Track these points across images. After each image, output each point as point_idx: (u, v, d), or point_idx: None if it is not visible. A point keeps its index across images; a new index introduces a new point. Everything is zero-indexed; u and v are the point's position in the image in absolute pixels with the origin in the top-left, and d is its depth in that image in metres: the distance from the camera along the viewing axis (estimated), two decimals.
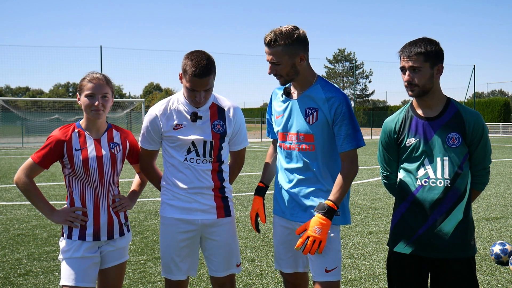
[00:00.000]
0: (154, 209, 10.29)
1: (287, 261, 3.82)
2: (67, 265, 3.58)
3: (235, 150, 3.98)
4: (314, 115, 3.52)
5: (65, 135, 3.60)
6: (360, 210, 10.21)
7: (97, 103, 3.56)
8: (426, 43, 3.35)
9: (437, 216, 3.40)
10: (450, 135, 3.38)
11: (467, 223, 3.45)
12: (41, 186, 13.32)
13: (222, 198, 3.84)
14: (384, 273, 6.13)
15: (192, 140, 3.72)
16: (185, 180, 3.74)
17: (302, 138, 3.57)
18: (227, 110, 3.83)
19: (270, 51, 3.47)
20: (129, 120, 38.87)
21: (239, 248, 4.02)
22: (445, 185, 3.39)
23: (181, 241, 3.78)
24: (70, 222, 3.58)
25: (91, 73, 3.65)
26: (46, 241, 7.75)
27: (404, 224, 3.51)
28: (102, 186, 3.63)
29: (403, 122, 3.54)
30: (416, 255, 3.47)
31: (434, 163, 3.41)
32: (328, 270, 3.54)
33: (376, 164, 19.77)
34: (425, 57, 3.33)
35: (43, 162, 3.57)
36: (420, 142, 3.44)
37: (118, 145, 3.74)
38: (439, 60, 3.39)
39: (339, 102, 3.48)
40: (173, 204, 3.79)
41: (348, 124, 3.48)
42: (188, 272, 3.87)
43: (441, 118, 3.42)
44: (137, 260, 6.75)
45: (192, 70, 3.52)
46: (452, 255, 3.40)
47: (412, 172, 3.49)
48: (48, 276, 6.06)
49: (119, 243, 3.75)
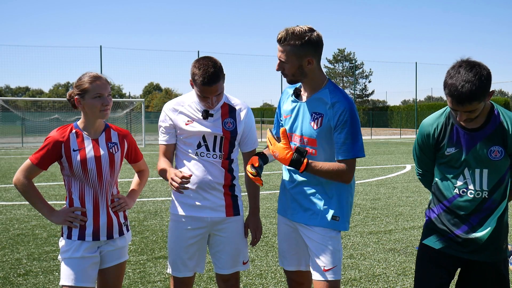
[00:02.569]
0: (154, 209, 10.30)
1: (290, 259, 3.83)
2: (67, 265, 3.58)
3: (246, 151, 3.98)
4: (319, 120, 3.50)
5: (62, 135, 3.59)
6: (359, 210, 10.21)
7: (107, 102, 3.57)
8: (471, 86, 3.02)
9: (472, 224, 3.36)
10: (493, 149, 3.25)
11: (501, 227, 3.40)
12: (41, 186, 13.33)
13: (231, 196, 3.88)
14: (384, 273, 6.14)
15: (203, 134, 3.77)
16: (195, 176, 3.77)
17: (306, 142, 3.57)
18: (238, 109, 3.88)
19: (280, 48, 3.47)
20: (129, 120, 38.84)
21: (247, 246, 4.03)
22: (483, 196, 3.32)
23: (190, 238, 3.83)
24: (69, 222, 3.58)
25: (88, 73, 3.61)
26: (46, 241, 7.74)
27: (439, 223, 3.49)
28: (101, 186, 3.63)
29: (442, 128, 3.39)
30: (445, 252, 3.45)
31: (474, 174, 3.32)
32: (326, 269, 3.54)
33: (375, 164, 19.78)
34: (480, 100, 3.07)
35: (41, 164, 3.58)
36: (461, 153, 3.32)
37: (116, 144, 3.74)
38: (489, 92, 3.12)
39: (344, 109, 3.43)
40: (183, 201, 3.83)
41: (348, 132, 3.43)
42: (195, 268, 3.91)
43: (484, 130, 3.27)
44: (137, 260, 6.75)
45: (201, 79, 3.58)
46: (483, 258, 3.37)
47: (451, 180, 3.41)
48: (48, 276, 6.06)
49: (118, 243, 3.75)
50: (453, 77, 3.09)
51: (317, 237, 3.58)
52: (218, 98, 3.71)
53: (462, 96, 3.04)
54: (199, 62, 3.64)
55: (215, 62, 3.63)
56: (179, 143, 3.86)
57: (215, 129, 3.78)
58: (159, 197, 11.62)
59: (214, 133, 3.77)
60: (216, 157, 3.80)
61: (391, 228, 8.64)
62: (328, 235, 3.56)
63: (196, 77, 3.60)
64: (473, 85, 3.01)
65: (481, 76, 3.04)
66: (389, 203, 10.95)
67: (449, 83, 3.10)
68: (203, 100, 3.70)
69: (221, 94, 3.71)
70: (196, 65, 3.63)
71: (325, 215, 3.57)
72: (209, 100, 3.67)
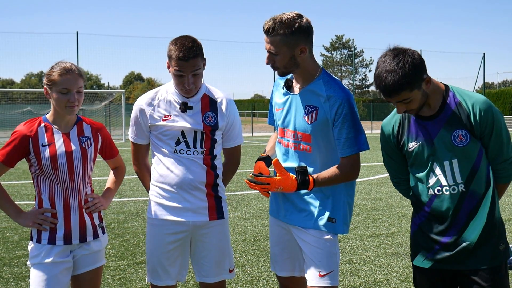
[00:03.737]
0: (135, 209, 10.27)
1: (283, 263, 3.82)
2: (37, 271, 3.56)
3: (228, 147, 3.99)
4: (314, 114, 3.50)
5: (30, 130, 3.56)
6: (359, 211, 10.22)
7: (73, 99, 3.53)
8: (394, 75, 3.06)
9: (458, 226, 3.28)
10: (456, 133, 3.20)
11: (493, 225, 3.29)
12: (11, 184, 13.27)
13: (214, 197, 3.85)
14: (386, 280, 6.14)
15: (181, 130, 3.75)
16: (175, 175, 3.75)
17: (300, 137, 3.57)
18: (219, 102, 3.86)
19: (268, 40, 3.45)
20: (108, 112, 38.71)
21: (232, 252, 4.02)
22: (460, 191, 3.26)
23: (170, 243, 3.79)
24: (38, 225, 3.56)
25: (61, 63, 3.59)
26: (17, 244, 7.71)
27: (422, 235, 3.43)
28: (72, 185, 3.60)
29: (400, 124, 3.40)
30: (437, 269, 3.38)
31: (444, 167, 3.26)
32: (322, 274, 3.53)
33: (376, 161, 19.85)
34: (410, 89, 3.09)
35: (7, 161, 3.55)
36: (423, 146, 3.29)
37: (89, 139, 3.71)
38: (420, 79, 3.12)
39: (341, 102, 3.44)
40: (162, 203, 3.80)
41: (350, 126, 3.44)
42: (177, 276, 3.88)
43: (441, 115, 3.25)
44: (117, 265, 6.72)
45: (177, 53, 3.59)
46: (480, 265, 3.26)
47: (423, 181, 3.36)
48: (20, 283, 6.02)
49: (93, 247, 3.72)
50: (378, 68, 3.15)
51: (312, 239, 3.57)
52: (195, 81, 3.68)
53: (387, 88, 3.09)
54: (176, 38, 3.69)
55: (194, 39, 3.68)
56: (156, 140, 3.83)
57: (195, 124, 3.75)
58: (141, 197, 11.58)
59: (194, 128, 3.75)
60: (198, 154, 3.78)
61: (393, 230, 8.66)
62: (323, 237, 3.55)
63: (173, 52, 3.61)
64: (396, 74, 3.05)
65: (405, 63, 3.06)
66: (391, 203, 10.97)
67: (375, 75, 3.17)
68: (180, 84, 3.67)
69: (198, 76, 3.69)
70: (173, 41, 3.67)
71: (321, 216, 3.56)
72: (186, 81, 3.64)
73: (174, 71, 3.64)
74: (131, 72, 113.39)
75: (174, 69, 3.63)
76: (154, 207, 3.84)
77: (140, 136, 3.89)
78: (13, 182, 13.82)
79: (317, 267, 3.54)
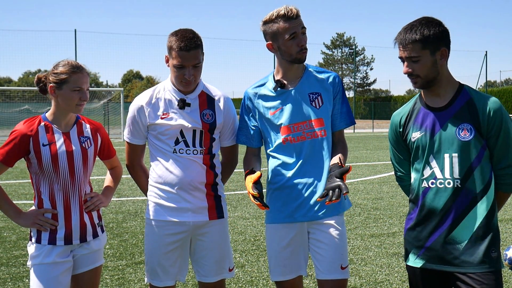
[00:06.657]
0: (134, 209, 10.28)
1: (292, 266, 3.78)
2: (37, 272, 3.56)
3: (226, 145, 3.99)
4: (319, 99, 3.72)
5: (30, 129, 3.56)
6: (360, 210, 10.23)
7: (85, 97, 3.58)
8: (423, 27, 3.17)
9: (448, 223, 3.24)
10: (462, 126, 3.19)
11: (488, 231, 3.21)
12: (9, 184, 13.28)
13: (214, 196, 3.86)
14: (387, 280, 6.15)
15: (180, 129, 3.75)
16: (174, 176, 3.75)
17: (313, 125, 3.68)
18: (217, 99, 3.88)
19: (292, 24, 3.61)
20: (106, 111, 38.76)
21: (231, 251, 4.03)
22: (454, 186, 3.22)
23: (170, 243, 3.80)
24: (39, 226, 3.56)
25: (69, 61, 3.59)
26: (15, 244, 7.72)
27: (414, 232, 3.42)
28: (73, 185, 3.61)
29: (409, 114, 3.40)
30: (429, 269, 3.34)
31: (441, 160, 3.24)
32: (344, 267, 3.65)
33: (377, 160, 19.86)
34: (423, 44, 3.16)
35: (6, 160, 3.54)
36: (426, 137, 3.28)
37: (89, 139, 3.73)
38: (441, 44, 3.21)
39: (337, 79, 3.77)
40: (162, 204, 3.80)
41: (345, 101, 3.80)
42: (176, 277, 3.89)
43: (451, 107, 3.25)
44: (115, 265, 6.73)
45: (178, 43, 3.61)
46: (468, 269, 3.19)
47: (420, 173, 3.34)
48: (17, 283, 6.03)
49: (93, 246, 3.73)
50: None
51: (334, 229, 3.67)
52: (195, 73, 3.69)
53: (406, 35, 3.20)
54: (176, 31, 3.72)
55: (194, 31, 3.72)
56: (154, 140, 3.83)
57: (193, 122, 3.76)
58: (139, 196, 11.57)
59: (192, 127, 3.76)
60: (197, 153, 3.78)
61: (394, 230, 8.67)
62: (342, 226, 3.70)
63: (173, 43, 3.62)
64: (416, 27, 3.19)
65: (430, 22, 3.21)
66: (393, 203, 10.98)
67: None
68: (180, 76, 3.67)
69: (198, 68, 3.70)
70: (173, 33, 3.71)
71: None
72: (187, 72, 3.64)
73: (175, 63, 3.64)
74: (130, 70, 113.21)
75: (174, 60, 3.64)
76: (153, 208, 3.84)
77: (136, 136, 3.89)
78: (10, 181, 13.82)
79: (339, 259, 3.66)
